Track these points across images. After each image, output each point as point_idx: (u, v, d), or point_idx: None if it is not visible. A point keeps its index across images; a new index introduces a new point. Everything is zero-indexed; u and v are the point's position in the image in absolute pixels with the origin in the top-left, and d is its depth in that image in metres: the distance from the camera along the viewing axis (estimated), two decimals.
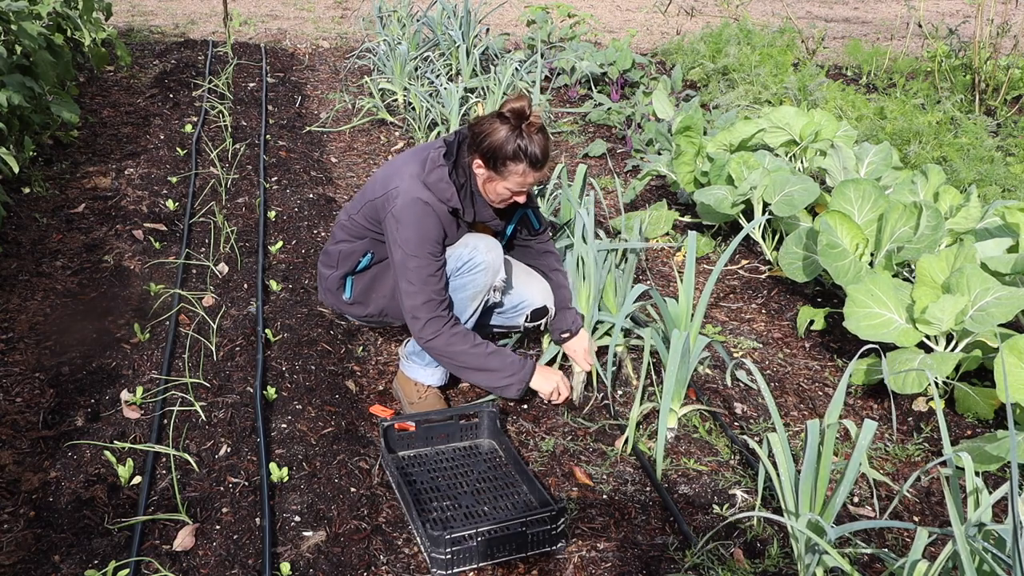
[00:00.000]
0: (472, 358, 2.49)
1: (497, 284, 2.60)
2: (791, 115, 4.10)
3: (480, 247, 2.54)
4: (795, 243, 3.26)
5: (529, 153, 2.37)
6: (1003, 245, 2.98)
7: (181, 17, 8.43)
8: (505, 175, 2.42)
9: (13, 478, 2.29)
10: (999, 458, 2.34)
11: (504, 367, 2.51)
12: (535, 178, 2.44)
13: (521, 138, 2.36)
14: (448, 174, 2.46)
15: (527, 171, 2.40)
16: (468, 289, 2.55)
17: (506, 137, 2.37)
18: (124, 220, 3.80)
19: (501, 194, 2.49)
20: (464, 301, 2.57)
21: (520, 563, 2.12)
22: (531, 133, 2.37)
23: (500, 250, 2.59)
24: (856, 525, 1.87)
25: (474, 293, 2.56)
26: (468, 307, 2.59)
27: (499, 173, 2.42)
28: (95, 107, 5.45)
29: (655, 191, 4.59)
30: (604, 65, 6.31)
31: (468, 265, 2.52)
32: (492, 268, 2.55)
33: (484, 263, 2.53)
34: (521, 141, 2.36)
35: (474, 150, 2.44)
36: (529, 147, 2.37)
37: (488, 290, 2.59)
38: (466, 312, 2.59)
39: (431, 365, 2.65)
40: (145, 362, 2.83)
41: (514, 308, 2.77)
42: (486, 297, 2.61)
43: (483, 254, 2.53)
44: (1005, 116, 5.80)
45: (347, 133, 5.35)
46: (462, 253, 2.54)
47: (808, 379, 2.97)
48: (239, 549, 2.09)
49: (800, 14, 9.81)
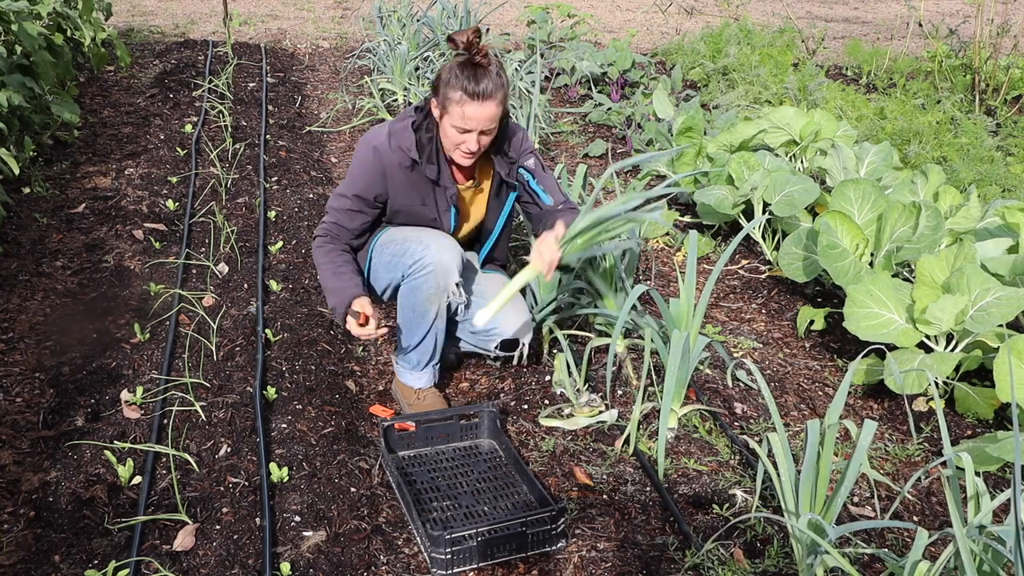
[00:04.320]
0: (323, 272, 2.51)
1: (452, 289, 2.48)
2: (791, 115, 4.10)
3: (432, 246, 2.46)
4: (795, 243, 3.26)
5: (466, 83, 2.26)
6: (1003, 245, 2.98)
7: (181, 17, 8.43)
8: (447, 105, 2.32)
9: (13, 478, 2.29)
10: (999, 459, 2.34)
11: (336, 289, 2.45)
12: (475, 112, 2.30)
13: (463, 67, 2.28)
14: (412, 124, 2.42)
15: (463, 99, 2.28)
16: (421, 291, 2.48)
17: (450, 65, 2.30)
18: (124, 220, 3.80)
19: (451, 137, 2.37)
20: (422, 304, 2.50)
21: (520, 563, 2.12)
22: (475, 63, 2.28)
23: (456, 253, 2.50)
24: (856, 525, 1.87)
25: (427, 296, 2.48)
26: (428, 310, 2.51)
27: (443, 106, 2.33)
28: (95, 107, 5.45)
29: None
30: (604, 65, 6.31)
31: (418, 265, 2.46)
32: (441, 269, 2.45)
33: (432, 264, 2.44)
34: (460, 70, 2.28)
35: (431, 90, 2.38)
36: (467, 76, 2.26)
37: (443, 293, 2.49)
38: (428, 315, 2.51)
39: (416, 369, 2.64)
40: (145, 362, 2.83)
41: (486, 332, 2.69)
42: (447, 302, 2.52)
43: (433, 254, 2.45)
44: (1005, 116, 5.80)
45: (347, 133, 5.36)
46: (415, 250, 2.47)
47: (808, 379, 2.97)
48: (239, 549, 2.09)
49: (800, 14, 9.80)
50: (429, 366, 2.65)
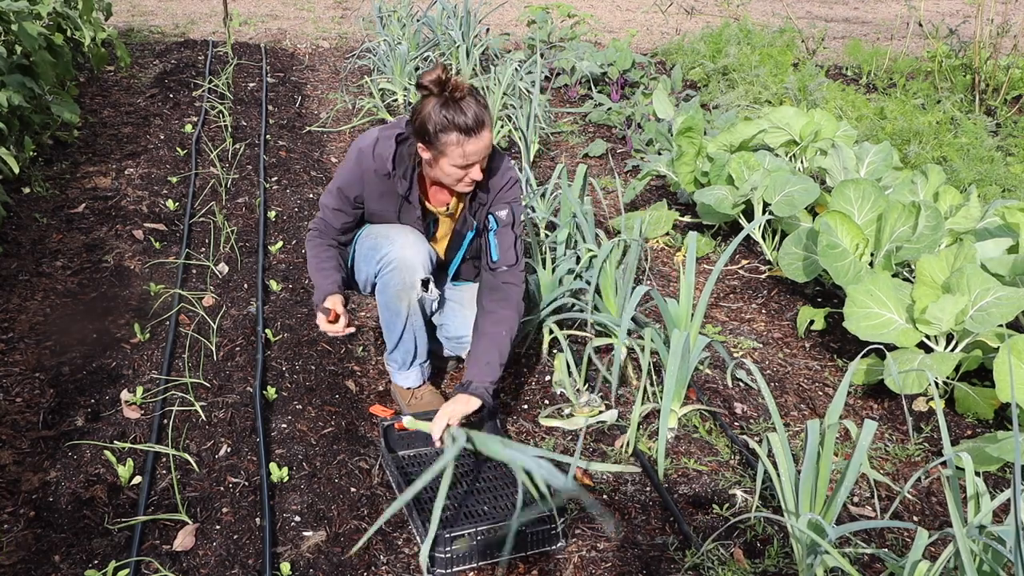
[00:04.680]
0: (309, 266, 2.57)
1: (418, 286, 2.47)
2: (791, 115, 4.10)
3: (398, 242, 2.46)
4: (795, 243, 3.26)
5: (458, 122, 2.24)
6: (1003, 245, 2.98)
7: (181, 17, 8.43)
8: (444, 150, 2.30)
9: (13, 478, 2.29)
10: (999, 459, 2.34)
11: (316, 286, 2.50)
12: (474, 147, 2.29)
13: (447, 107, 2.25)
14: (398, 136, 2.43)
15: (461, 139, 2.26)
16: (390, 288, 2.49)
17: (431, 109, 2.27)
18: (124, 220, 3.80)
19: (451, 173, 2.35)
20: (393, 302, 2.51)
21: (520, 563, 2.12)
22: (456, 99, 2.26)
23: (422, 248, 2.49)
24: (856, 525, 1.87)
25: (396, 292, 2.49)
26: (400, 307, 2.52)
27: (438, 150, 2.31)
28: (95, 107, 5.45)
29: (655, 191, 4.59)
30: (604, 65, 6.31)
31: (384, 261, 2.46)
32: (405, 265, 2.44)
33: (396, 260, 2.44)
34: (447, 111, 2.25)
35: (415, 136, 2.36)
36: (455, 115, 2.24)
37: (410, 290, 2.48)
38: (401, 312, 2.52)
39: (403, 368, 2.66)
40: (145, 362, 2.83)
41: (458, 339, 2.69)
42: (416, 298, 2.51)
43: (398, 250, 2.44)
44: (1005, 116, 5.80)
45: (347, 133, 5.35)
46: (381, 244, 2.48)
47: (808, 379, 2.97)
48: (239, 549, 2.09)
49: (800, 14, 9.80)
50: (415, 365, 2.66)
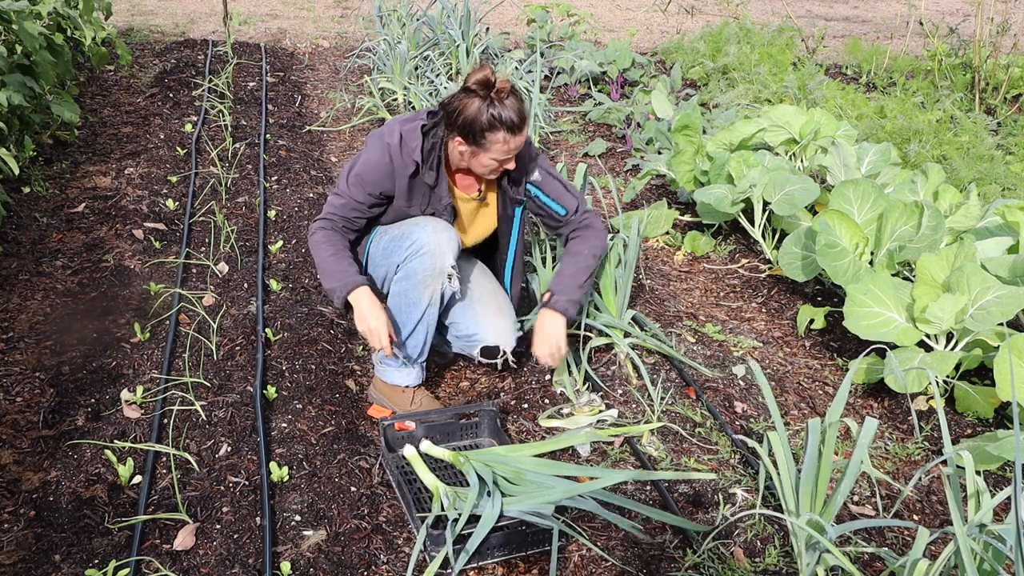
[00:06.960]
0: (320, 254, 2.53)
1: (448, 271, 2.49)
2: (791, 114, 4.10)
3: (429, 227, 2.50)
4: (794, 242, 3.26)
5: (505, 119, 2.36)
6: (1003, 244, 2.98)
7: (181, 16, 8.42)
8: (487, 147, 2.42)
9: (13, 478, 2.29)
10: (1000, 457, 2.34)
11: (335, 272, 2.49)
12: (517, 143, 2.43)
13: (493, 107, 2.36)
14: (422, 127, 2.49)
15: (507, 138, 2.39)
16: (417, 274, 2.49)
17: (479, 109, 2.37)
18: (124, 219, 3.80)
19: (488, 165, 2.48)
20: (415, 290, 2.50)
21: (520, 562, 2.12)
22: (502, 99, 2.37)
23: (453, 235, 2.53)
24: (857, 524, 1.87)
25: (423, 279, 2.48)
26: (422, 297, 2.51)
27: (481, 146, 2.42)
28: (95, 107, 5.45)
29: (655, 190, 4.59)
30: (604, 64, 6.31)
31: (415, 246, 2.48)
32: (439, 250, 2.48)
33: (429, 244, 2.47)
34: (494, 110, 2.36)
35: (452, 129, 2.44)
36: (504, 113, 2.36)
37: (439, 276, 2.49)
38: (421, 303, 2.51)
39: (405, 366, 2.63)
40: (145, 361, 2.83)
41: (468, 337, 2.70)
42: (441, 290, 2.52)
43: (430, 235, 2.48)
44: (1005, 115, 5.80)
45: (347, 132, 5.35)
46: (409, 232, 2.51)
47: (808, 378, 2.97)
48: (239, 548, 2.09)
49: (800, 13, 9.80)
50: (419, 362, 2.64)
